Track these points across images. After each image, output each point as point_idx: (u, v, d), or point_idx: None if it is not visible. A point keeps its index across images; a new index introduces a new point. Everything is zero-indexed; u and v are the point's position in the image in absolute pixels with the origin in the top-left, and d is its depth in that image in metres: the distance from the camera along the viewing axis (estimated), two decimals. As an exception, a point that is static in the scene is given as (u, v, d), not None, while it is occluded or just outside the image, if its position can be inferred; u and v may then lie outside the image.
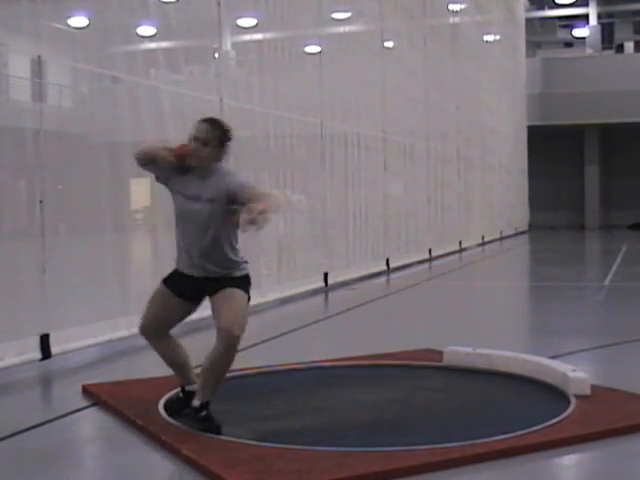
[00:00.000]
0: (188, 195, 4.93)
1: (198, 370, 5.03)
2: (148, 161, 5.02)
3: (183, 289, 5.04)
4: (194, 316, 8.16)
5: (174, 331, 5.27)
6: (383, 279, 14.49)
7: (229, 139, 5.00)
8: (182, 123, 8.83)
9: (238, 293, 4.88)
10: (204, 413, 4.82)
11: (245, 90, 10.80)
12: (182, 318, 5.19)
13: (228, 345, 4.73)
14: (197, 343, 7.35)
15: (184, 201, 4.94)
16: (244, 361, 6.79)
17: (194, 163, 4.91)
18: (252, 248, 9.97)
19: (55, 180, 7.24)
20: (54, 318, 6.98)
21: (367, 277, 14.05)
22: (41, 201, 6.87)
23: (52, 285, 7.00)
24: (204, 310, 5.21)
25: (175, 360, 5.21)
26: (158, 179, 5.15)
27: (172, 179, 5.01)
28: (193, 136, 4.92)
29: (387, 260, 15.28)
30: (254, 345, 7.91)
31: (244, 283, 4.97)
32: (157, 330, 5.13)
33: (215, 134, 4.93)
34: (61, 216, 7.40)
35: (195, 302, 5.12)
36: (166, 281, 5.11)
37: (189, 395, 5.14)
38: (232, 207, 4.86)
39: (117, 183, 8.22)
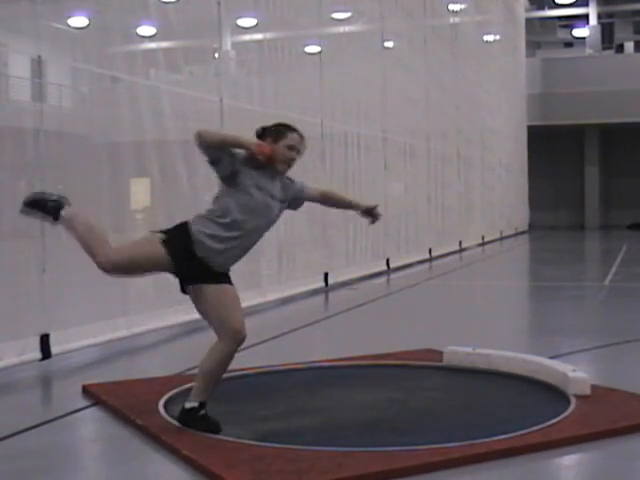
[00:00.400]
0: (265, 189, 4.96)
1: (194, 371, 5.03)
2: (219, 146, 4.88)
3: (183, 269, 4.85)
4: (186, 318, 8.21)
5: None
6: (383, 279, 14.49)
7: (302, 151, 5.23)
8: (182, 123, 8.86)
9: (232, 290, 4.90)
10: (201, 413, 4.82)
11: (245, 90, 10.81)
12: (148, 272, 5.13)
13: (236, 346, 4.77)
14: (192, 345, 7.36)
15: (263, 196, 4.93)
16: (244, 361, 6.79)
17: (282, 170, 5.06)
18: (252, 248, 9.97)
19: (55, 180, 7.22)
20: (54, 318, 6.98)
21: (367, 277, 14.05)
22: (41, 201, 6.86)
23: (52, 285, 7.00)
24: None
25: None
26: (217, 164, 4.89)
27: (244, 171, 4.92)
28: (289, 145, 5.06)
29: (387, 260, 15.28)
30: (254, 345, 7.91)
31: (229, 277, 4.98)
32: (121, 272, 5.04)
33: (302, 145, 5.17)
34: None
35: (182, 282, 4.94)
36: (168, 245, 4.81)
37: None
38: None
39: (117, 183, 8.23)
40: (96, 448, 5.04)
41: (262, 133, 5.15)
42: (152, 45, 9.06)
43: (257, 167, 4.96)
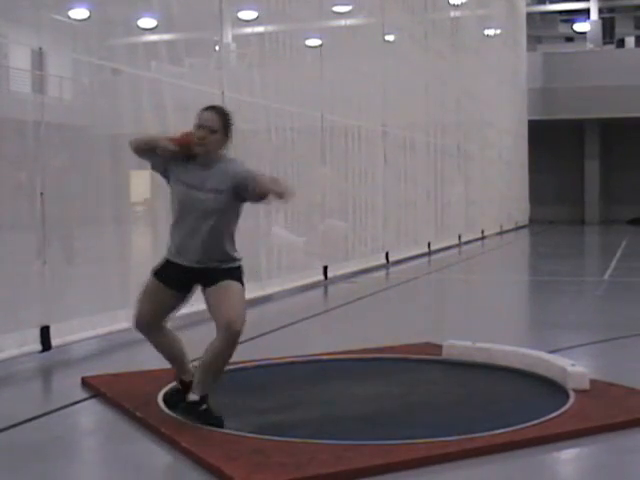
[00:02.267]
0: (191, 184, 4.90)
1: (196, 363, 5.04)
2: (146, 150, 5.01)
3: (175, 280, 5.00)
4: (189, 310, 8.21)
5: (171, 325, 5.27)
6: (382, 273, 14.49)
7: (232, 126, 5.00)
8: (183, 115, 8.83)
9: (235, 286, 4.88)
10: (204, 406, 4.82)
11: (246, 83, 10.79)
12: (175, 309, 5.17)
13: (230, 340, 4.73)
14: (194, 336, 7.37)
15: (186, 190, 4.90)
16: (243, 354, 6.80)
17: (201, 151, 4.89)
18: (252, 241, 10.00)
19: (56, 172, 7.23)
20: (54, 310, 6.98)
21: (366, 270, 14.04)
22: (42, 193, 6.87)
23: (52, 277, 7.00)
24: (200, 304, 5.20)
25: (172, 352, 5.18)
26: (154, 168, 5.12)
27: (172, 168, 4.97)
28: (198, 124, 4.89)
29: (387, 254, 15.28)
30: (253, 338, 7.92)
31: (239, 275, 4.96)
32: (151, 324, 5.09)
33: (221, 121, 4.93)
34: (61, 208, 7.39)
35: (187, 292, 5.09)
36: (157, 274, 5.05)
37: (187, 386, 5.13)
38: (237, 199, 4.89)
39: (118, 175, 8.22)
40: (95, 440, 5.05)
41: None
42: (153, 37, 9.05)
43: (185, 160, 4.93)
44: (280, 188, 4.76)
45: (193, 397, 4.86)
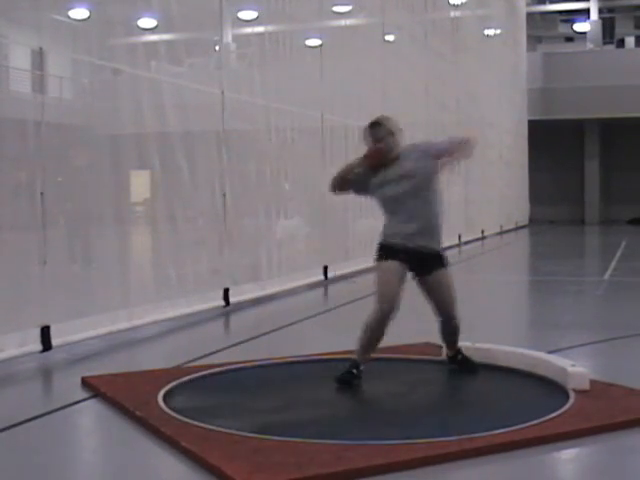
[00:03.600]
0: (389, 181, 5.82)
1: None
2: (345, 182, 5.99)
3: (405, 260, 5.91)
4: (186, 311, 8.21)
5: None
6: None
7: (394, 124, 5.95)
8: (183, 115, 8.85)
9: (449, 274, 6.09)
10: (460, 357, 6.16)
11: (246, 83, 10.79)
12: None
13: (455, 324, 6.06)
14: (192, 337, 7.37)
15: (388, 189, 5.84)
16: (244, 354, 6.81)
17: (390, 156, 5.83)
18: (253, 241, 10.00)
19: (56, 172, 7.23)
20: (55, 310, 6.98)
21: (367, 270, 14.00)
22: (42, 193, 6.88)
23: (53, 277, 7.00)
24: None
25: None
26: (358, 192, 6.21)
27: (371, 182, 5.91)
28: (373, 140, 5.85)
29: (387, 253, 15.22)
30: (253, 338, 7.93)
31: (446, 259, 6.16)
32: (398, 304, 5.86)
33: (385, 129, 5.88)
34: (62, 208, 7.40)
35: (410, 268, 6.06)
36: (387, 257, 5.97)
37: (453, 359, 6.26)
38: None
39: (118, 175, 8.22)
40: (95, 440, 5.05)
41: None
42: (153, 37, 9.05)
43: (376, 171, 5.88)
44: (467, 148, 6.06)
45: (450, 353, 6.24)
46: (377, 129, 5.89)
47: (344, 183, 6.00)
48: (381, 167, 5.85)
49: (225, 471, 4.03)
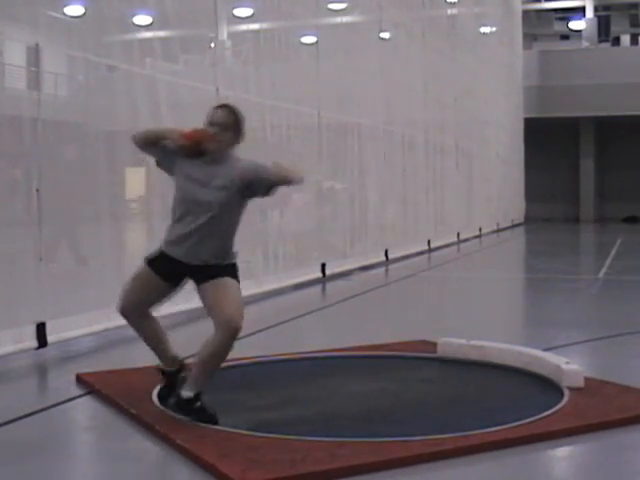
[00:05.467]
0: (196, 180, 4.91)
1: (190, 360, 5.04)
2: (152, 142, 5.02)
3: (168, 272, 5.00)
4: (185, 307, 8.20)
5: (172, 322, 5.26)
6: (381, 270, 14.49)
7: (244, 125, 5.01)
8: (178, 112, 8.83)
9: (231, 282, 4.88)
10: (199, 404, 4.81)
11: (241, 80, 10.78)
12: (163, 299, 5.19)
13: (230, 336, 4.74)
14: (186, 334, 7.37)
15: (191, 186, 4.91)
16: (239, 351, 6.80)
17: (212, 148, 4.91)
18: (249, 238, 9.99)
19: (51, 169, 7.22)
20: (50, 306, 6.98)
21: (365, 268, 14.05)
22: (37, 190, 6.87)
23: (48, 273, 7.00)
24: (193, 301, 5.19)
25: (154, 338, 5.21)
26: (159, 164, 5.14)
27: (177, 163, 4.99)
28: (210, 122, 4.92)
29: (386, 251, 15.27)
30: (249, 335, 7.91)
31: (234, 271, 4.96)
32: (137, 310, 5.12)
33: (234, 119, 4.96)
34: (57, 204, 7.38)
35: (177, 285, 5.12)
36: (150, 263, 5.05)
37: (168, 376, 5.18)
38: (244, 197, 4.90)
39: (113, 172, 8.21)
40: (89, 436, 5.05)
41: None
42: (148, 34, 9.04)
43: (192, 156, 4.94)
44: (293, 174, 4.82)
45: (187, 394, 4.82)
46: (219, 113, 4.95)
47: (152, 144, 5.02)
48: (194, 155, 4.94)
49: (219, 468, 4.03)
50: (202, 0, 9.76)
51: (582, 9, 36.10)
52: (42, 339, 6.83)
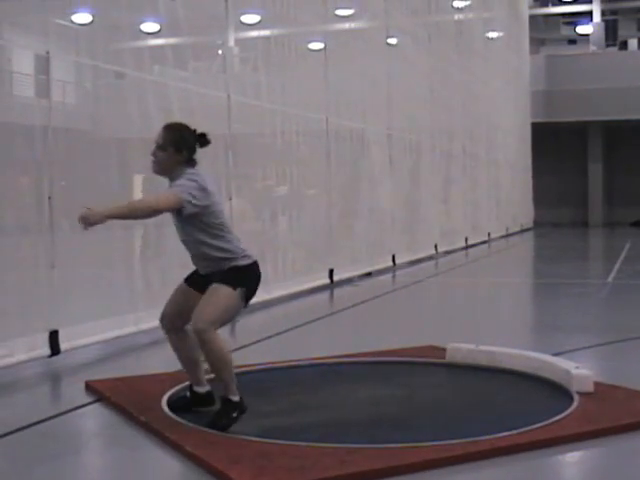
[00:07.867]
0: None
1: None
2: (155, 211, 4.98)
3: (197, 282, 5.12)
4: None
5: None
6: (389, 275, 14.50)
7: (187, 143, 5.01)
8: (190, 119, 8.84)
9: (219, 288, 4.89)
10: (235, 414, 4.85)
11: (251, 86, 10.81)
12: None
13: (198, 339, 4.81)
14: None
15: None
16: (247, 357, 6.83)
17: (153, 169, 5.03)
18: (258, 244, 10.01)
19: (63, 176, 7.24)
20: (63, 314, 6.99)
21: (373, 274, 14.05)
22: (50, 197, 6.89)
23: (61, 281, 7.02)
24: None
25: (188, 357, 5.23)
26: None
27: None
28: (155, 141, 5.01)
29: (393, 256, 15.27)
30: (258, 341, 7.95)
31: (234, 275, 4.94)
32: (173, 321, 5.17)
33: (169, 138, 4.96)
34: (70, 212, 7.40)
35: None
36: (186, 278, 5.24)
37: (196, 396, 5.21)
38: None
39: (124, 179, 8.24)
40: (99, 444, 5.06)
41: None
42: (158, 41, 9.06)
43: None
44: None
45: (234, 398, 4.88)
46: (159, 133, 5.01)
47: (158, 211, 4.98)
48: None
49: (229, 475, 4.04)
50: (211, 7, 9.79)
51: (589, 13, 36.09)
52: (55, 347, 6.84)
